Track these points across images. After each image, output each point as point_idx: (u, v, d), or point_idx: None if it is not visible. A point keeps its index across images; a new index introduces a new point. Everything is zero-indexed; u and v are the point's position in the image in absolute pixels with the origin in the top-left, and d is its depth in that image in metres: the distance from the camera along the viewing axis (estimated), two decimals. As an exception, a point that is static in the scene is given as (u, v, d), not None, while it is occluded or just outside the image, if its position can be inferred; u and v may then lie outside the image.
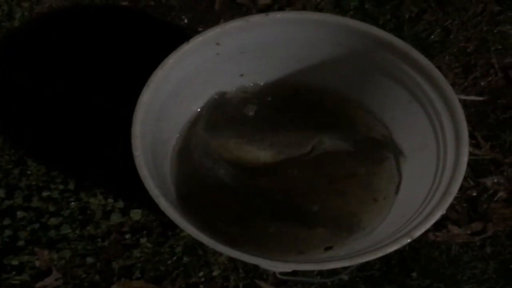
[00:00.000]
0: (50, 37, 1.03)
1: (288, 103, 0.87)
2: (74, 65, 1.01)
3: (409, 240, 0.64)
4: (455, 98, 0.68)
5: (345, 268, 0.85)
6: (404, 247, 0.89)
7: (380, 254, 0.63)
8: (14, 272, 0.85)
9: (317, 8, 1.05)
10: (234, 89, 0.87)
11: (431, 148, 0.74)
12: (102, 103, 0.97)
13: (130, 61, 1.00)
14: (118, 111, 0.93)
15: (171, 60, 0.71)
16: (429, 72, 0.69)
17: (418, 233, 0.64)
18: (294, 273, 0.85)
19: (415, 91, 0.74)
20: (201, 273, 0.87)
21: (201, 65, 0.77)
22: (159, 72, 0.70)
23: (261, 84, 0.87)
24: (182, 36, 1.01)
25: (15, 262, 0.86)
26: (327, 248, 0.77)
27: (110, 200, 0.90)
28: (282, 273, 0.78)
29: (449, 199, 0.65)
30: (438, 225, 0.91)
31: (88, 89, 0.98)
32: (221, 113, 0.86)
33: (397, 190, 0.82)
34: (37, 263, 0.86)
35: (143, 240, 0.88)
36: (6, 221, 0.88)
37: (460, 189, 0.92)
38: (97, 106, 0.97)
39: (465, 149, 0.67)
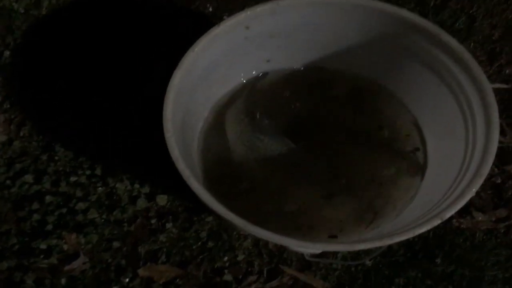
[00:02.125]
0: (75, 23, 1.04)
1: (315, 89, 0.88)
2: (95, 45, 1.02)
3: (439, 221, 0.64)
4: (486, 81, 0.68)
5: (368, 254, 0.86)
6: (428, 233, 0.90)
7: (410, 235, 0.64)
8: (42, 256, 0.86)
9: (341, -4, 1.06)
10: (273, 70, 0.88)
11: (459, 132, 0.75)
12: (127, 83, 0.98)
13: (157, 47, 1.01)
14: (143, 98, 0.95)
15: (202, 43, 0.71)
16: (460, 54, 0.70)
17: (448, 214, 0.64)
18: (322, 255, 0.85)
19: (445, 75, 0.74)
20: (226, 258, 0.88)
21: (229, 49, 0.78)
22: (190, 54, 0.71)
23: (288, 70, 0.88)
24: (206, 23, 1.02)
25: (43, 246, 0.87)
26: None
27: (136, 186, 0.91)
28: (311, 255, 0.78)
29: (480, 181, 0.65)
30: (463, 212, 0.91)
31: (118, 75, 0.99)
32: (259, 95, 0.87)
33: (422, 177, 0.82)
34: (65, 247, 0.87)
35: (168, 225, 0.89)
36: (35, 206, 0.89)
37: (485, 176, 0.93)
38: (124, 92, 0.98)
39: (496, 132, 0.68)
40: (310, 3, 0.73)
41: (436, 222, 0.64)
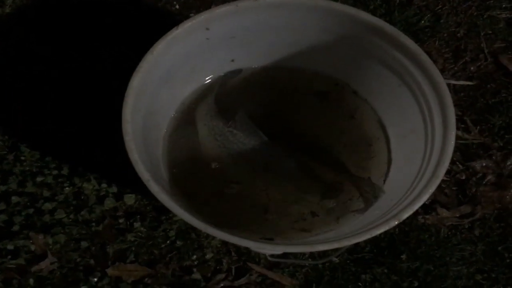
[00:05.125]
0: (40, 23, 1.03)
1: (283, 87, 0.88)
2: (63, 51, 1.01)
3: (396, 222, 0.65)
4: (443, 82, 0.69)
5: (335, 251, 0.87)
6: (394, 230, 0.91)
7: (368, 236, 0.64)
8: (9, 256, 0.87)
9: (309, -7, 1.05)
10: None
11: (420, 132, 0.75)
12: (92, 89, 0.97)
13: (121, 47, 1.00)
14: (110, 98, 0.94)
15: (161, 45, 0.71)
16: (417, 56, 0.70)
17: (405, 215, 0.65)
18: (284, 256, 0.86)
19: (404, 75, 0.75)
20: (194, 257, 0.89)
21: (191, 50, 0.77)
22: (148, 57, 0.70)
23: (253, 68, 0.88)
24: (173, 21, 1.01)
25: (10, 247, 0.87)
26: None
27: (104, 185, 0.91)
28: (272, 256, 0.79)
29: (436, 182, 0.66)
30: (428, 208, 0.92)
31: (78, 74, 0.98)
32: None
33: (386, 174, 0.83)
34: (32, 247, 0.87)
35: (136, 224, 0.90)
36: (1, 206, 0.89)
37: (449, 172, 0.94)
38: (88, 93, 0.97)
39: (452, 133, 0.68)
40: (269, 5, 0.72)
41: (393, 223, 0.65)
